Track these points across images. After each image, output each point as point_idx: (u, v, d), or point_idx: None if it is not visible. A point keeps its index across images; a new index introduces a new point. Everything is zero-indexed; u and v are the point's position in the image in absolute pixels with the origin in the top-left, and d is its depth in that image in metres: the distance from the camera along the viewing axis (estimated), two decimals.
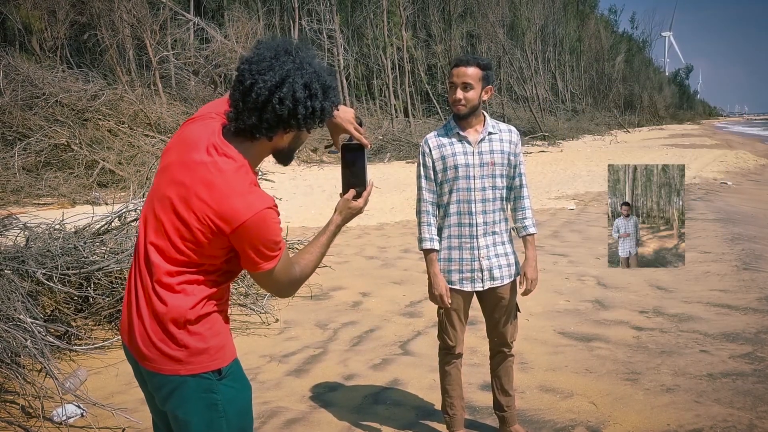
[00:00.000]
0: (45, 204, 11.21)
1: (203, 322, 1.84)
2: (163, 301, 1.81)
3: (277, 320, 5.49)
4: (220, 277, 1.86)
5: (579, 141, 34.96)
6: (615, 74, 64.14)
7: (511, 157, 3.05)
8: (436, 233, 3.06)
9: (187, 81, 16.56)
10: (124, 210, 5.84)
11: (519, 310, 3.23)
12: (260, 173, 14.89)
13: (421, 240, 3.07)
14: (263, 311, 5.61)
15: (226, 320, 1.93)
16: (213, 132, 1.83)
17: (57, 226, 5.53)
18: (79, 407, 3.79)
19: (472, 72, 2.91)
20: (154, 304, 1.82)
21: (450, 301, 3.05)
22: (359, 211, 2.05)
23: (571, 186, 14.70)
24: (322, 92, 1.78)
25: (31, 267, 4.75)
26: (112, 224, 5.73)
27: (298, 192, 13.40)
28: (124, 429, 3.59)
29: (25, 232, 5.52)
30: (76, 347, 4.55)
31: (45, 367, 3.83)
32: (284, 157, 1.93)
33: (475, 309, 3.31)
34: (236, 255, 1.86)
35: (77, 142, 11.43)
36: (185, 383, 1.84)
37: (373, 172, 17.34)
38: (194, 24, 17.83)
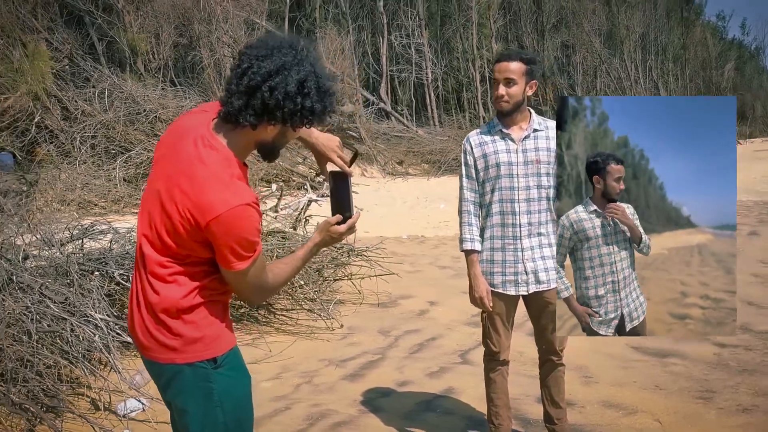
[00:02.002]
0: None
1: (197, 311, 1.84)
2: (155, 291, 1.83)
3: (341, 326, 5.50)
4: (212, 268, 1.85)
5: None
6: (724, 83, 60.62)
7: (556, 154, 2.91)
8: (477, 234, 2.96)
9: None
10: None
11: None
12: None
13: (461, 240, 2.98)
14: (329, 317, 5.64)
15: (224, 310, 1.92)
16: (202, 123, 1.82)
17: None
18: (140, 402, 3.94)
19: (515, 67, 2.80)
20: (147, 294, 1.84)
21: (491, 305, 2.93)
22: (340, 237, 2.00)
23: None
24: (316, 92, 1.75)
25: (111, 268, 5.01)
26: None
27: (380, 203, 13.47)
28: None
29: (110, 236, 5.84)
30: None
31: (110, 362, 4.02)
32: (267, 153, 1.89)
33: None
34: None
35: None
36: (182, 372, 1.86)
37: (455, 183, 17.19)
38: None
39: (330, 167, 2.12)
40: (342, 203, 2.03)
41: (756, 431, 3.27)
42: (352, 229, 2.02)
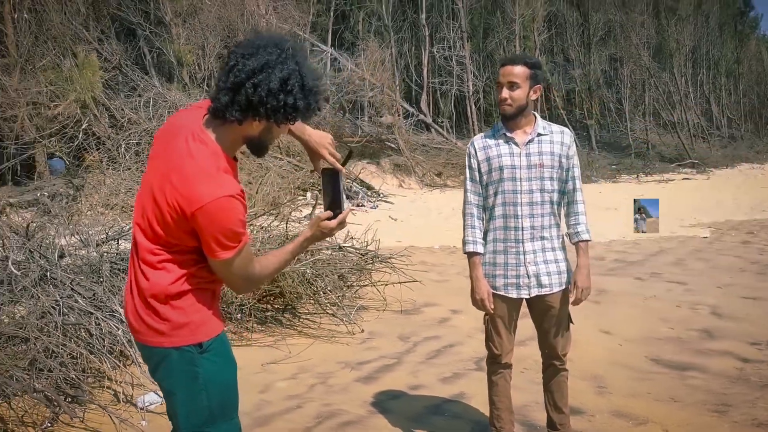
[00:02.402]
0: None
1: (185, 298, 1.93)
2: (146, 277, 1.92)
3: (362, 330, 5.55)
4: (200, 257, 1.93)
5: (734, 169, 32.30)
6: None
7: (563, 159, 2.91)
8: (480, 236, 2.98)
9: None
10: None
11: (572, 322, 3.06)
12: (380, 195, 15.23)
13: (464, 243, 3.01)
14: (351, 322, 5.70)
15: (212, 298, 2.01)
16: (195, 120, 1.92)
17: None
18: (158, 395, 4.07)
19: (518, 71, 2.83)
20: (139, 280, 1.94)
21: (492, 307, 2.95)
22: (330, 232, 2.07)
23: (711, 214, 13.60)
24: (299, 90, 1.82)
25: None
26: None
27: (415, 213, 13.51)
28: None
29: None
30: None
31: (132, 356, 4.17)
32: (255, 148, 1.97)
33: None
34: None
35: None
36: (170, 356, 1.95)
37: None
38: (328, 54, 18.69)
39: (323, 164, 2.20)
40: (333, 199, 2.09)
41: None
42: (342, 225, 2.08)
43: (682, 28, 43.76)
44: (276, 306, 5.99)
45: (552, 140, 2.91)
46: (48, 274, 4.69)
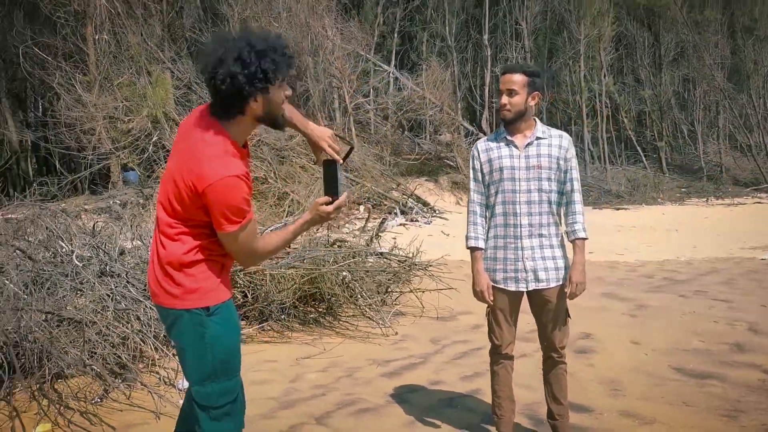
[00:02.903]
0: None
1: (197, 266, 2.23)
2: (164, 247, 2.24)
3: (396, 333, 5.78)
4: (211, 231, 2.22)
5: None
6: None
7: (561, 162, 3.09)
8: (482, 233, 3.18)
9: (378, 125, 17.80)
10: (276, 226, 6.60)
11: (569, 316, 3.20)
12: (435, 211, 15.43)
13: (467, 238, 3.21)
14: (386, 325, 5.94)
15: (222, 270, 2.31)
16: (208, 112, 2.22)
17: None
18: None
19: (517, 78, 3.04)
20: (158, 250, 2.26)
21: (492, 299, 3.14)
22: (327, 216, 2.33)
23: None
24: (255, 57, 2.06)
25: None
26: None
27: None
28: None
29: None
30: None
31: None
32: (270, 123, 2.26)
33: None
34: None
35: (273, 175, 12.86)
36: (181, 317, 2.25)
37: None
38: (389, 74, 19.14)
39: (324, 156, 2.47)
40: (331, 187, 2.36)
41: None
42: (338, 210, 2.36)
43: (761, 47, 42.19)
44: (319, 309, 6.31)
45: (551, 144, 3.09)
46: (108, 267, 5.16)
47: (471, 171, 3.23)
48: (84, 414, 3.86)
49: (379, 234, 7.60)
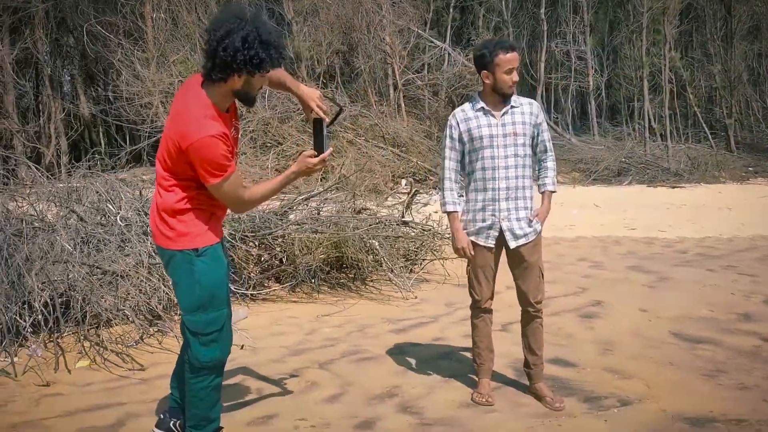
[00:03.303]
0: None
1: (187, 214, 2.62)
2: (160, 196, 2.64)
3: (416, 297, 6.09)
4: (198, 184, 2.59)
5: None
6: None
7: (533, 127, 3.32)
8: (457, 197, 3.43)
9: (429, 101, 17.95)
10: (310, 194, 6.97)
11: (542, 273, 3.43)
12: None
13: (444, 203, 3.46)
14: (408, 290, 6.24)
15: (210, 218, 2.69)
16: (196, 81, 2.58)
17: None
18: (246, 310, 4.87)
19: (517, 56, 3.27)
20: (156, 198, 2.66)
21: (473, 254, 3.38)
22: (312, 168, 2.65)
23: None
24: (258, 44, 2.41)
25: (224, 229, 6.05)
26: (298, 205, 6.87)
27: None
28: (242, 346, 4.53)
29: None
30: (241, 291, 5.70)
31: None
32: (243, 99, 2.61)
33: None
34: None
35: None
36: (174, 256, 2.66)
37: (607, 192, 16.83)
38: (442, 49, 19.20)
39: (313, 115, 2.81)
40: (319, 142, 2.69)
41: (746, 408, 3.37)
42: (323, 163, 2.67)
43: None
44: (349, 275, 6.67)
45: (523, 111, 3.32)
46: (148, 228, 5.64)
47: (447, 140, 3.44)
48: (119, 354, 4.35)
49: (410, 205, 7.87)
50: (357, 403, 3.55)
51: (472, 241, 3.40)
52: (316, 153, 2.64)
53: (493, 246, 3.39)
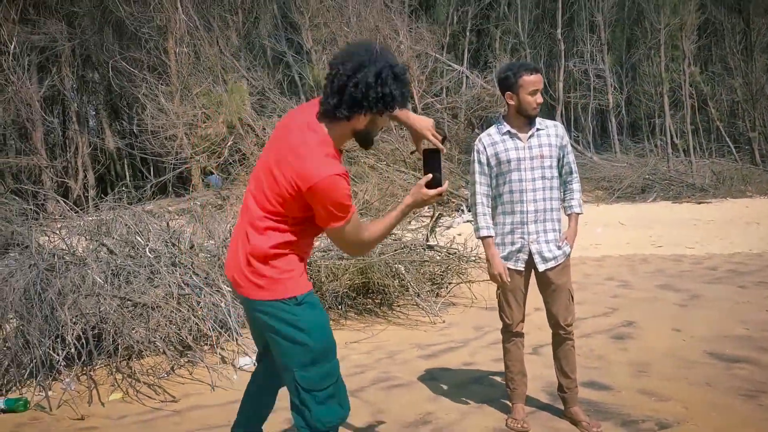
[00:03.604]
0: None
1: (282, 259, 2.32)
2: (249, 239, 2.32)
3: (443, 321, 6.06)
4: (297, 228, 2.32)
5: None
6: None
7: (559, 149, 3.32)
8: (490, 222, 3.42)
9: (449, 123, 18.02)
10: None
11: (572, 295, 3.40)
12: None
13: (478, 228, 3.44)
14: (435, 314, 6.22)
15: (301, 262, 2.38)
16: (310, 113, 2.32)
17: None
18: (251, 359, 4.88)
19: (541, 78, 3.28)
20: (241, 242, 2.35)
21: (509, 280, 3.36)
22: (429, 199, 2.37)
23: None
24: (392, 80, 2.18)
25: None
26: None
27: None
28: None
29: None
30: None
31: (231, 327, 5.01)
32: (363, 140, 2.36)
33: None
34: (314, 214, 2.26)
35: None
36: (271, 307, 2.32)
37: (631, 210, 16.68)
38: (460, 72, 19.32)
39: (425, 145, 2.55)
40: (432, 171, 2.39)
41: None
42: (440, 196, 2.41)
43: None
44: (376, 300, 6.67)
45: (549, 134, 3.32)
46: (176, 259, 5.71)
47: (476, 165, 3.44)
48: (151, 386, 4.38)
49: (434, 228, 7.88)
50: (391, 431, 3.52)
51: (508, 268, 3.39)
52: (432, 183, 2.37)
53: (522, 269, 3.37)
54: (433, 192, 2.37)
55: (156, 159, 13.98)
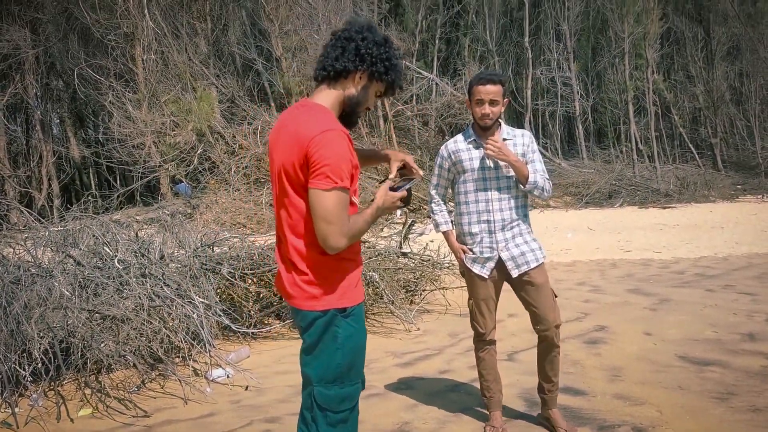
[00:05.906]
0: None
1: (334, 268, 2.24)
2: (296, 249, 2.23)
3: (418, 329, 6.05)
4: None
5: None
6: None
7: (527, 157, 3.32)
8: (448, 217, 3.48)
9: (418, 131, 18.09)
10: None
11: (555, 295, 3.40)
12: None
13: (437, 225, 3.47)
14: (410, 322, 6.21)
15: (354, 271, 2.30)
16: (298, 105, 2.28)
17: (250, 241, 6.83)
18: (225, 371, 4.80)
19: (497, 89, 3.24)
20: (290, 251, 2.25)
21: (468, 251, 3.37)
22: (395, 202, 2.31)
23: None
24: (393, 53, 2.24)
25: (223, 267, 6.02)
26: None
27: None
28: (247, 387, 4.48)
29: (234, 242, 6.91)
30: (242, 330, 5.64)
31: (204, 338, 4.92)
32: (351, 111, 2.26)
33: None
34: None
35: None
36: (319, 317, 2.22)
37: (599, 215, 16.91)
38: (430, 80, 19.42)
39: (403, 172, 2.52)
40: (407, 192, 2.37)
41: (760, 430, 3.35)
42: (406, 200, 2.36)
43: None
44: None
45: (515, 143, 3.32)
46: (146, 270, 5.61)
47: (436, 167, 3.47)
48: (121, 401, 4.28)
49: (407, 236, 7.87)
50: None
51: (473, 272, 3.38)
52: (402, 200, 2.34)
53: (488, 276, 3.35)
54: (398, 194, 2.32)
55: (123, 168, 13.75)
